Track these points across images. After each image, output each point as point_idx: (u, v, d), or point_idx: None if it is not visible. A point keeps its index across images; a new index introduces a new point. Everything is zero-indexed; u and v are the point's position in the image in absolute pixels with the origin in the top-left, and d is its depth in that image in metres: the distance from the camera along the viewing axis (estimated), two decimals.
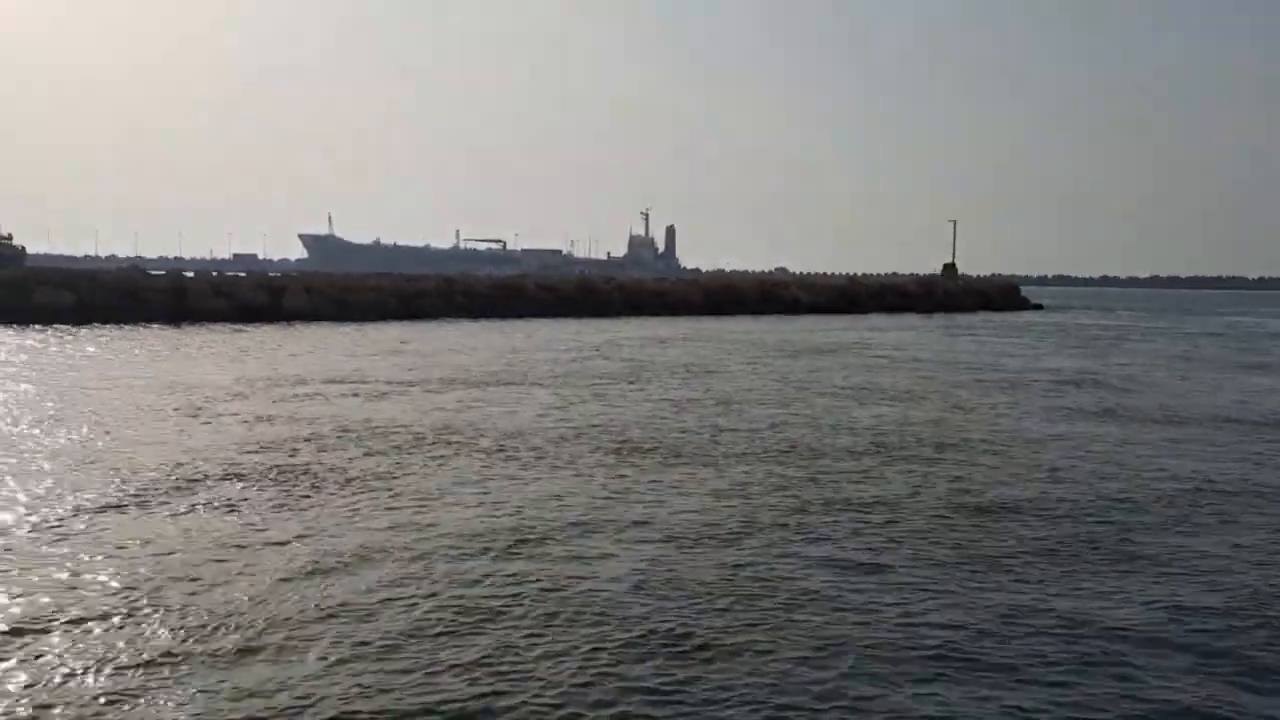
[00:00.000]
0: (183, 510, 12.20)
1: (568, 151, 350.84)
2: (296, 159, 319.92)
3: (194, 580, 9.54)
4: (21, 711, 6.78)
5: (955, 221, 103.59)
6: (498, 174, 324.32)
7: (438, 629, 8.38)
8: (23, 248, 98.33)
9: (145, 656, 7.70)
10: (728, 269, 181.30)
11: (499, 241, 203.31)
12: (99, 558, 10.19)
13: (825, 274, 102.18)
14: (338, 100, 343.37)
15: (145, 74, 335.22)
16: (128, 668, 7.49)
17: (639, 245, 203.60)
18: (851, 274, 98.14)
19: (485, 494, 13.39)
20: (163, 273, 52.97)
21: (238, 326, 46.42)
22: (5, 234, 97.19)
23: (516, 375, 28.09)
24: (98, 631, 8.19)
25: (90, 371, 27.40)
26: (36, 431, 17.63)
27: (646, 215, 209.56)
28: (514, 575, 9.88)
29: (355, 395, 23.24)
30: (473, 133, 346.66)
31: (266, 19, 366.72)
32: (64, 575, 9.60)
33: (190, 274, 54.24)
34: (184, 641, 8.02)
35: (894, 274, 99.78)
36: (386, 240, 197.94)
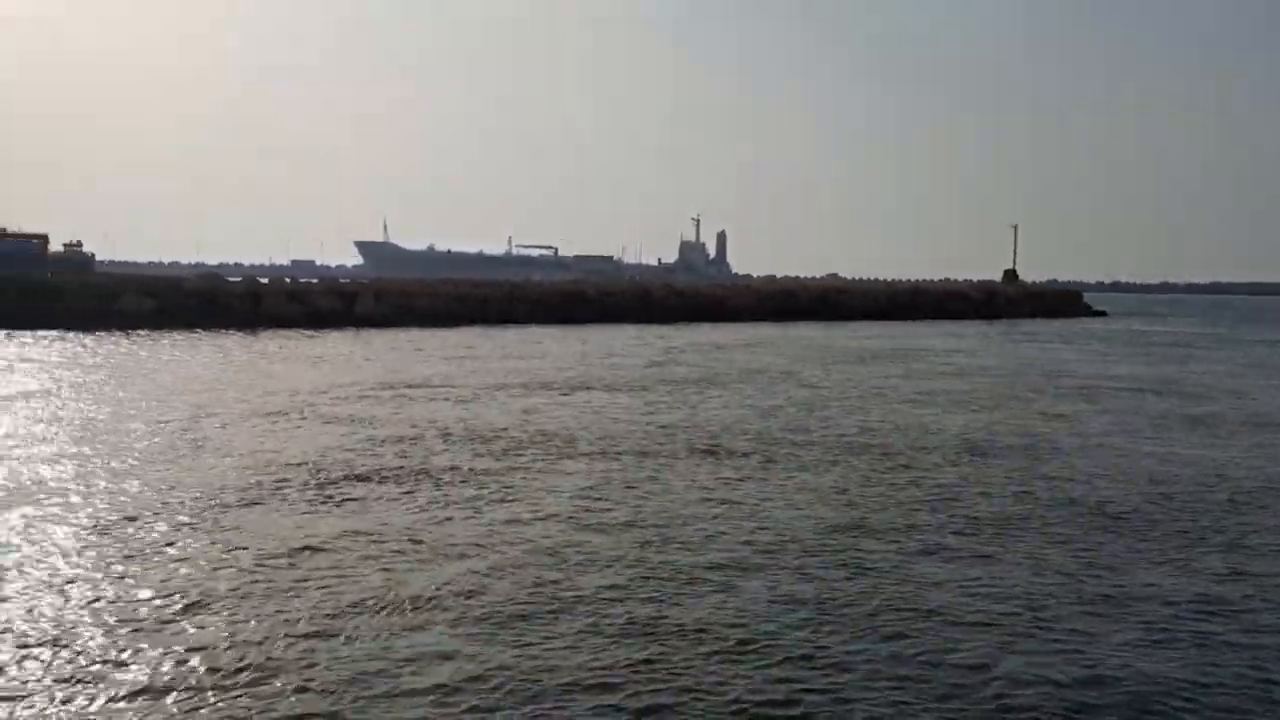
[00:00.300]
0: (317, 503, 12.80)
1: (619, 157, 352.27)
2: (352, 165, 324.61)
3: (344, 566, 10.09)
4: (205, 673, 7.33)
5: (1017, 226, 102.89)
6: (548, 180, 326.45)
7: (579, 610, 8.85)
8: (91, 255, 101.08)
9: (302, 628, 8.29)
10: (779, 275, 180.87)
11: (551, 248, 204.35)
12: (247, 546, 10.78)
13: (883, 280, 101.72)
14: (391, 107, 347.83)
15: (203, 80, 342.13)
16: (293, 636, 8.04)
17: (690, 251, 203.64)
18: (913, 280, 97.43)
19: (599, 492, 13.86)
20: (239, 279, 54.20)
21: (309, 332, 47.46)
22: (75, 241, 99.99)
23: (593, 380, 28.58)
24: (265, 605, 8.75)
25: (187, 375, 28.34)
26: (167, 431, 18.40)
27: (697, 221, 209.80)
28: (653, 573, 10.31)
29: (445, 399, 23.85)
30: (524, 137, 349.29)
31: (329, 23, 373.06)
32: (224, 559, 10.20)
33: (265, 280, 55.36)
34: (336, 617, 8.56)
35: (947, 279, 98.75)
36: (440, 247, 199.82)
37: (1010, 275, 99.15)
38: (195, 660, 7.79)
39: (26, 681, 7.34)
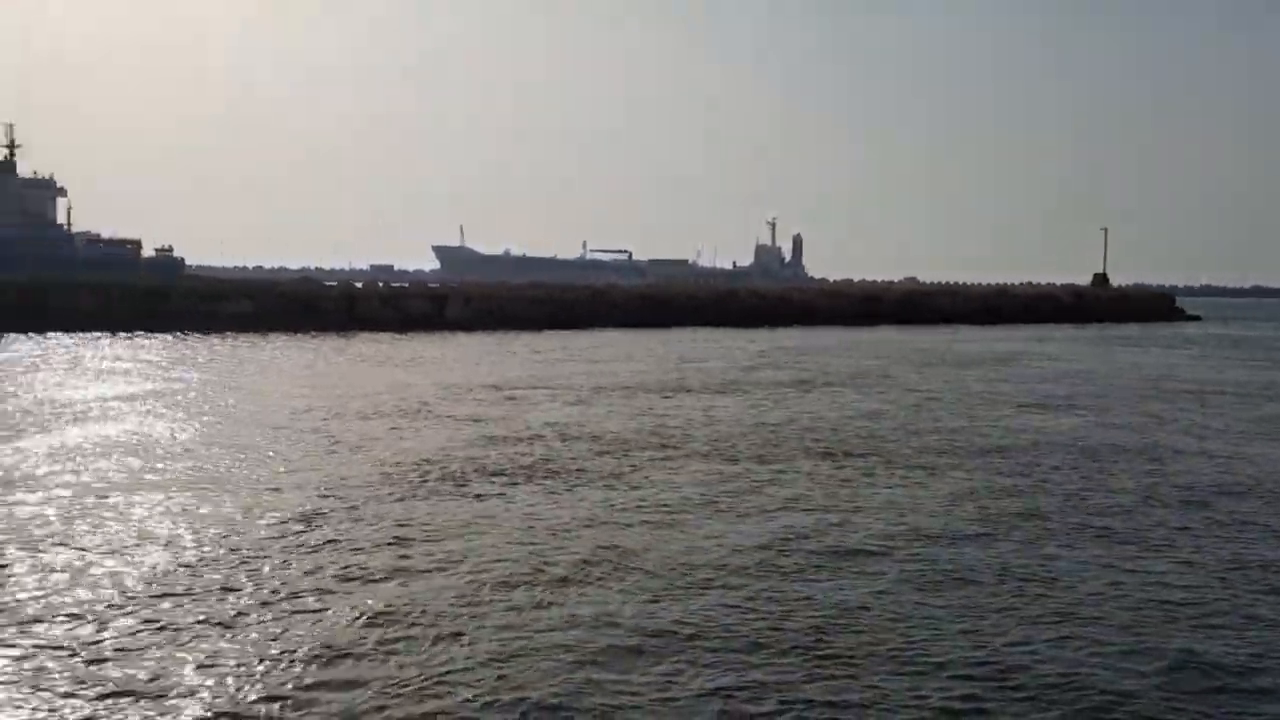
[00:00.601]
0: (459, 496, 13.22)
1: (692, 159, 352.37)
2: (429, 170, 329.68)
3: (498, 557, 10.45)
4: (374, 643, 7.69)
5: (1106, 230, 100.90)
6: (622, 183, 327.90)
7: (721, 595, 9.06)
8: (181, 259, 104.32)
9: (465, 604, 8.64)
10: (855, 279, 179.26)
11: (624, 251, 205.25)
12: (396, 536, 11.20)
13: (963, 283, 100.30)
14: (466, 111, 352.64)
15: (282, 86, 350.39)
16: (454, 609, 8.39)
17: (765, 254, 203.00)
18: (994, 284, 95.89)
19: (722, 492, 14.07)
20: (334, 283, 55.58)
21: (401, 335, 48.43)
22: (166, 246, 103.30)
23: (690, 382, 28.80)
24: (421, 583, 9.12)
25: (297, 376, 29.24)
26: (302, 430, 19.06)
27: (773, 224, 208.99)
28: (806, 561, 10.50)
29: (550, 400, 24.26)
30: (598, 141, 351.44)
31: (391, 28, 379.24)
32: (392, 542, 10.64)
33: (359, 284, 56.71)
34: (485, 589, 8.91)
35: (1029, 283, 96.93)
36: (515, 251, 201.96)
37: (1100, 279, 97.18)
38: (385, 624, 8.18)
39: (237, 647, 7.78)
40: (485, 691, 7.30)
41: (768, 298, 71.79)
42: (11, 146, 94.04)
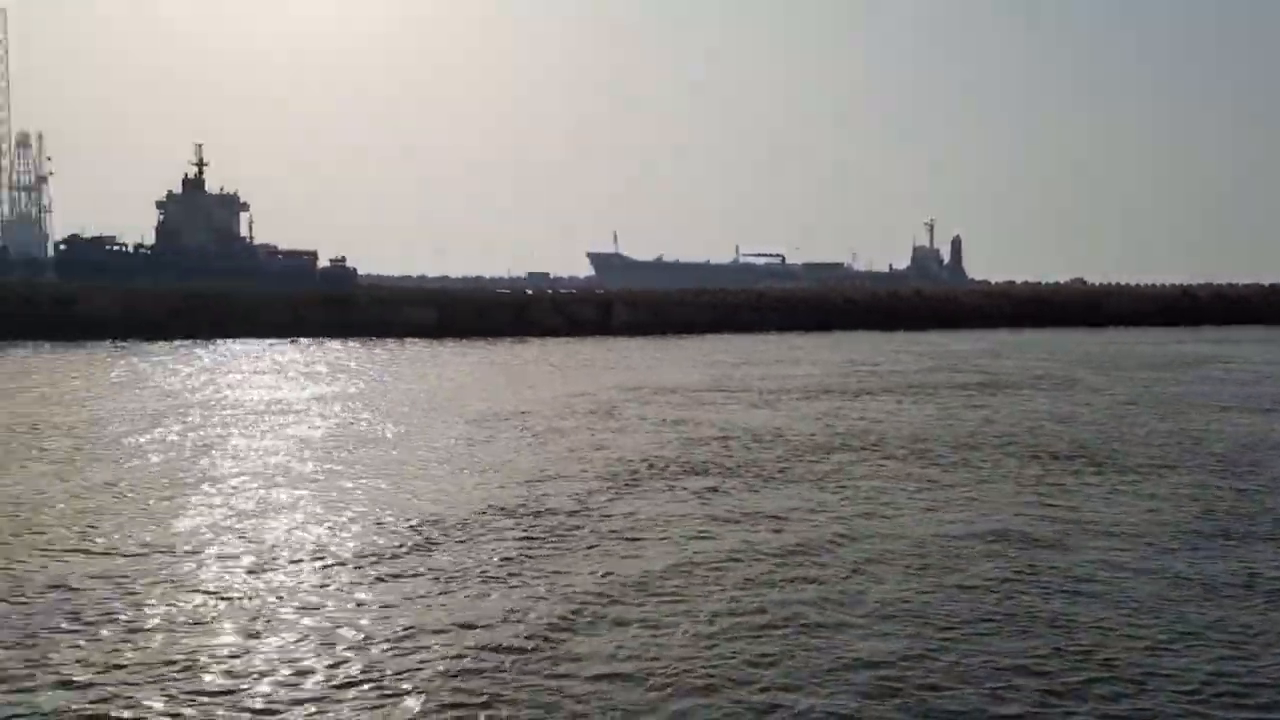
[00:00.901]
0: (671, 492, 13.63)
1: (846, 161, 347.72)
2: (582, 177, 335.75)
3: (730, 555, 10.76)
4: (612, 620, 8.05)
5: None
6: (774, 186, 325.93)
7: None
8: (354, 269, 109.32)
9: (686, 593, 8.92)
10: (1018, 281, 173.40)
11: (777, 255, 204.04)
12: (624, 527, 11.65)
13: (1139, 285, 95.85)
14: (615, 117, 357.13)
15: (439, 92, 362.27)
16: (658, 593, 8.70)
17: (923, 256, 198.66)
18: (1180, 284, 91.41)
19: (932, 491, 14.05)
20: (506, 290, 57.40)
21: (570, 339, 49.60)
22: (339, 257, 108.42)
23: (870, 385, 28.61)
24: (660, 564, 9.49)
25: (486, 379, 30.43)
26: (506, 428, 19.94)
27: (931, 225, 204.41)
28: (1038, 563, 10.45)
29: (733, 402, 24.56)
30: (751, 143, 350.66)
31: (550, 38, 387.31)
32: (609, 536, 11.10)
33: (529, 291, 58.42)
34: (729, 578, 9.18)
35: (1207, 284, 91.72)
36: (669, 257, 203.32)
37: None
38: (625, 601, 8.59)
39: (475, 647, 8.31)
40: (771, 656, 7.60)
41: (930, 299, 70.38)
42: (200, 164, 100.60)
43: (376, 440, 18.60)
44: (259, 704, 7.08)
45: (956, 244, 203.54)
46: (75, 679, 7.43)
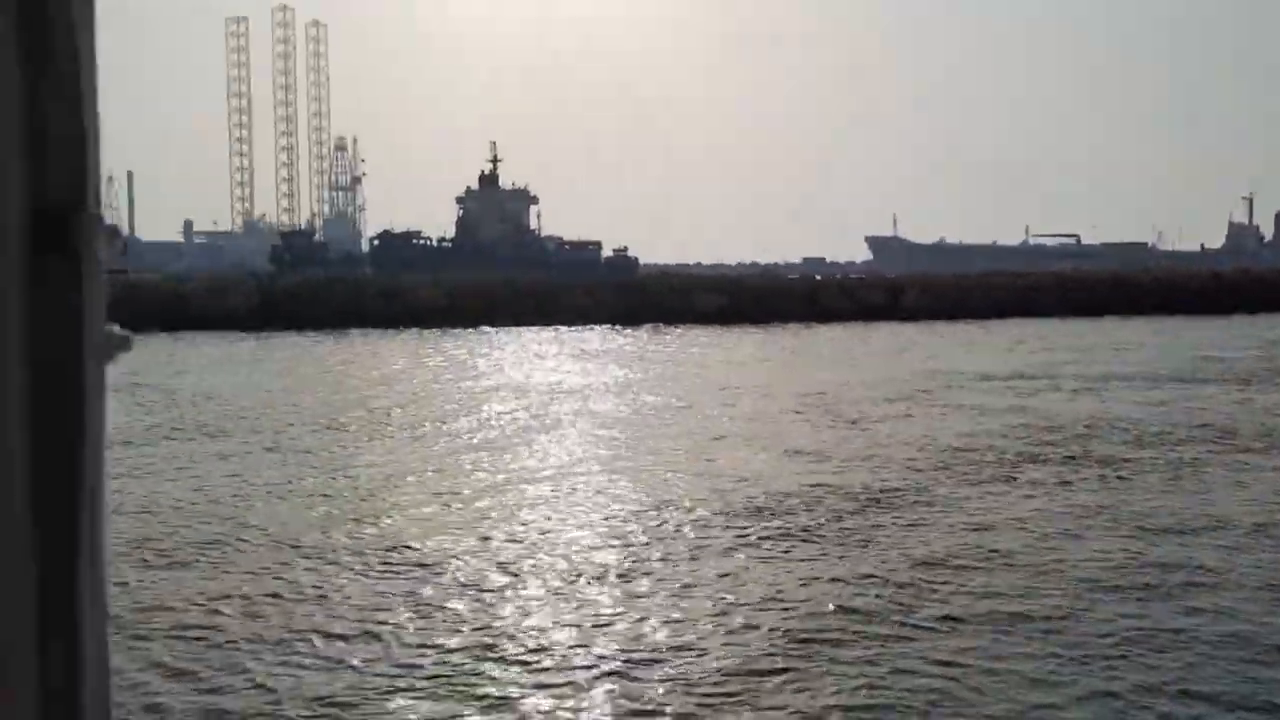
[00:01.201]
0: (1003, 483, 13.17)
1: (1154, 131, 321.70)
2: (859, 162, 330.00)
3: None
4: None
5: None
6: (1069, 165, 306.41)
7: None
8: (636, 258, 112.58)
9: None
10: None
11: (1072, 236, 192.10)
12: (976, 522, 11.33)
13: None
14: (893, 101, 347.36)
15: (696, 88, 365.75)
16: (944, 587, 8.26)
17: (1240, 234, 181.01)
18: None
19: None
20: (795, 277, 57.41)
21: (860, 324, 48.82)
22: (622, 247, 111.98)
23: (1208, 372, 26.43)
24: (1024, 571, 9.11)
25: (788, 364, 30.62)
26: (824, 410, 20.03)
27: (1250, 200, 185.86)
28: None
29: (1052, 389, 23.39)
30: (1037, 113, 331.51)
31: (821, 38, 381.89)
32: (958, 529, 10.83)
33: (818, 277, 58.19)
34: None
35: None
36: (951, 240, 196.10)
37: None
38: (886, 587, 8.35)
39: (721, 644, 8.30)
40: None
41: (1264, 279, 63.98)
42: (494, 160, 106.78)
43: (707, 418, 19.14)
44: (645, 687, 7.43)
45: None
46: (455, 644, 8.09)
